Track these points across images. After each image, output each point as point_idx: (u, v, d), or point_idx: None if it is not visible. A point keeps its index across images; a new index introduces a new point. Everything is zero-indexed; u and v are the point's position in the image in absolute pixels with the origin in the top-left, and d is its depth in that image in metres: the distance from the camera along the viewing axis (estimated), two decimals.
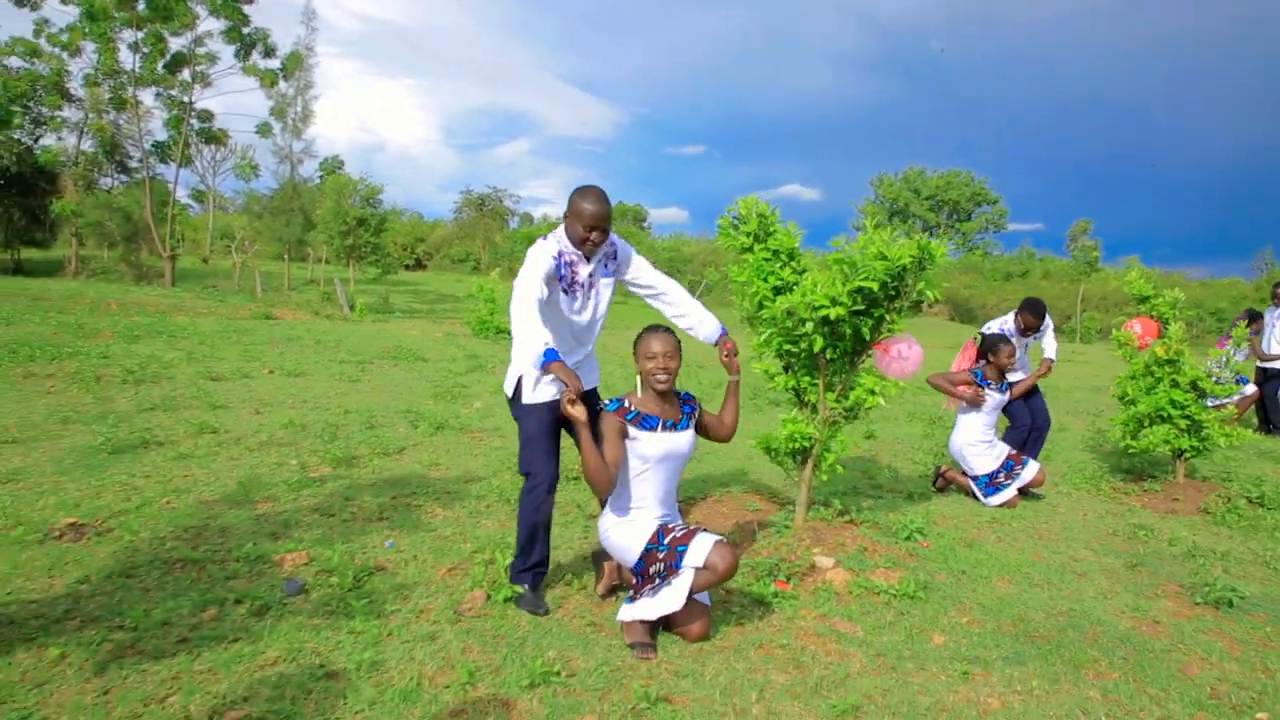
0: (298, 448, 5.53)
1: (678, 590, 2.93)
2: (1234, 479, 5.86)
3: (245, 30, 25.10)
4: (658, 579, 3.02)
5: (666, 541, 3.05)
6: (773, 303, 3.98)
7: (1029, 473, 5.33)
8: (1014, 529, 4.79)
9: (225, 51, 25.51)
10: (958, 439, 5.50)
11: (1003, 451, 5.42)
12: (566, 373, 2.84)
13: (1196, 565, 4.23)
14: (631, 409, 3.16)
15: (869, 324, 3.90)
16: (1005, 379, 5.55)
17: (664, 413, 3.20)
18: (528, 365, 3.10)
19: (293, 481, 4.68)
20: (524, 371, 3.25)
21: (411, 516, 4.29)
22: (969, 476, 5.45)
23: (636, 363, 3.19)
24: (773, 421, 7.38)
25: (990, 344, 5.46)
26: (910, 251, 3.62)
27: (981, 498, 5.33)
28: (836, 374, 4.13)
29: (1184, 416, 5.52)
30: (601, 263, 3.35)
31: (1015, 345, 5.51)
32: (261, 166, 27.82)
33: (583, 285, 3.30)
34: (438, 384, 8.63)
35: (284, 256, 29.68)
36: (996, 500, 5.27)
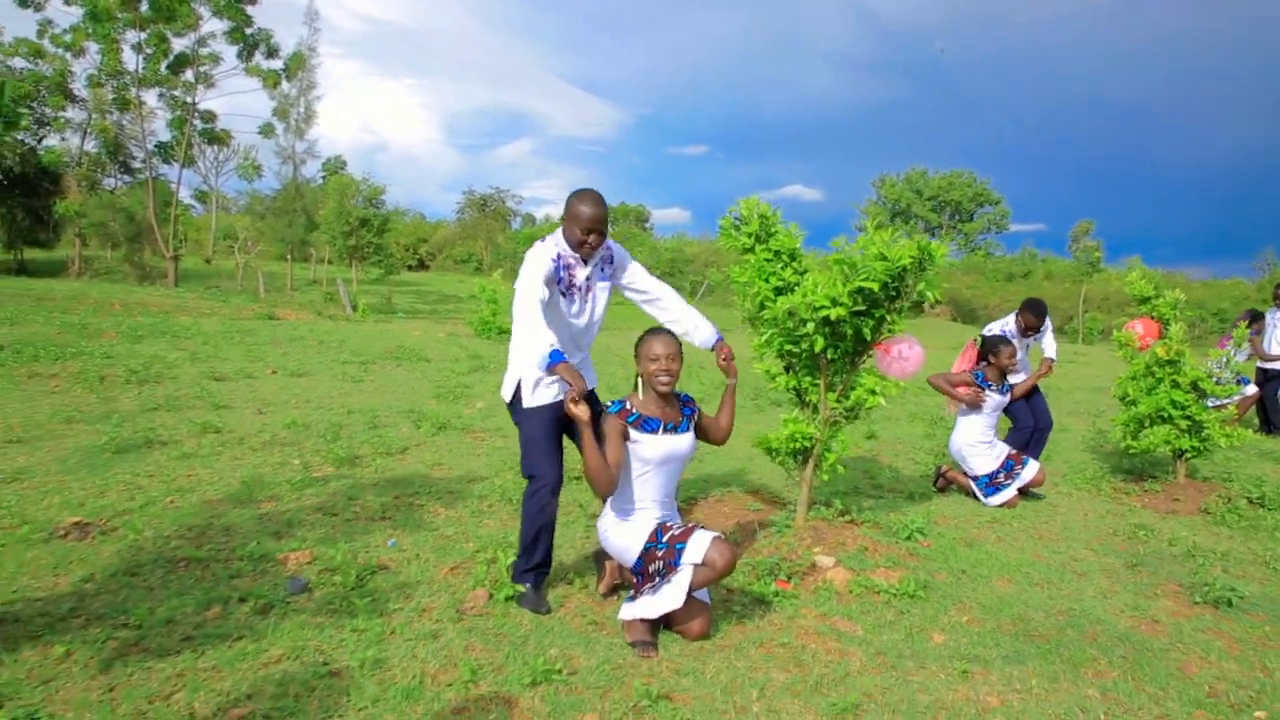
0: (301, 447, 5.55)
1: (678, 587, 2.95)
2: (1235, 479, 5.86)
3: (248, 31, 25.10)
4: (657, 577, 3.04)
5: (665, 540, 3.07)
6: (774, 303, 4.00)
7: (1029, 472, 5.34)
8: (1014, 529, 4.80)
9: (228, 52, 25.52)
10: (958, 439, 5.51)
11: (1002, 451, 5.43)
12: (571, 373, 2.87)
13: (1196, 565, 4.23)
14: (633, 411, 3.17)
15: (870, 324, 3.91)
16: (1006, 380, 5.56)
17: (665, 415, 3.22)
18: (532, 366, 3.12)
19: (296, 481, 4.70)
20: (522, 375, 3.26)
21: (414, 516, 4.31)
22: (969, 477, 5.46)
23: (638, 364, 3.20)
24: (774, 422, 7.40)
25: (991, 345, 5.47)
26: (910, 252, 3.63)
27: (982, 498, 5.34)
28: (837, 374, 4.14)
29: (1184, 417, 5.53)
30: (598, 266, 3.37)
31: (1016, 346, 5.51)
32: (264, 167, 27.80)
33: (580, 288, 3.32)
34: (440, 384, 8.65)
35: (287, 257, 29.68)
36: (997, 500, 5.28)
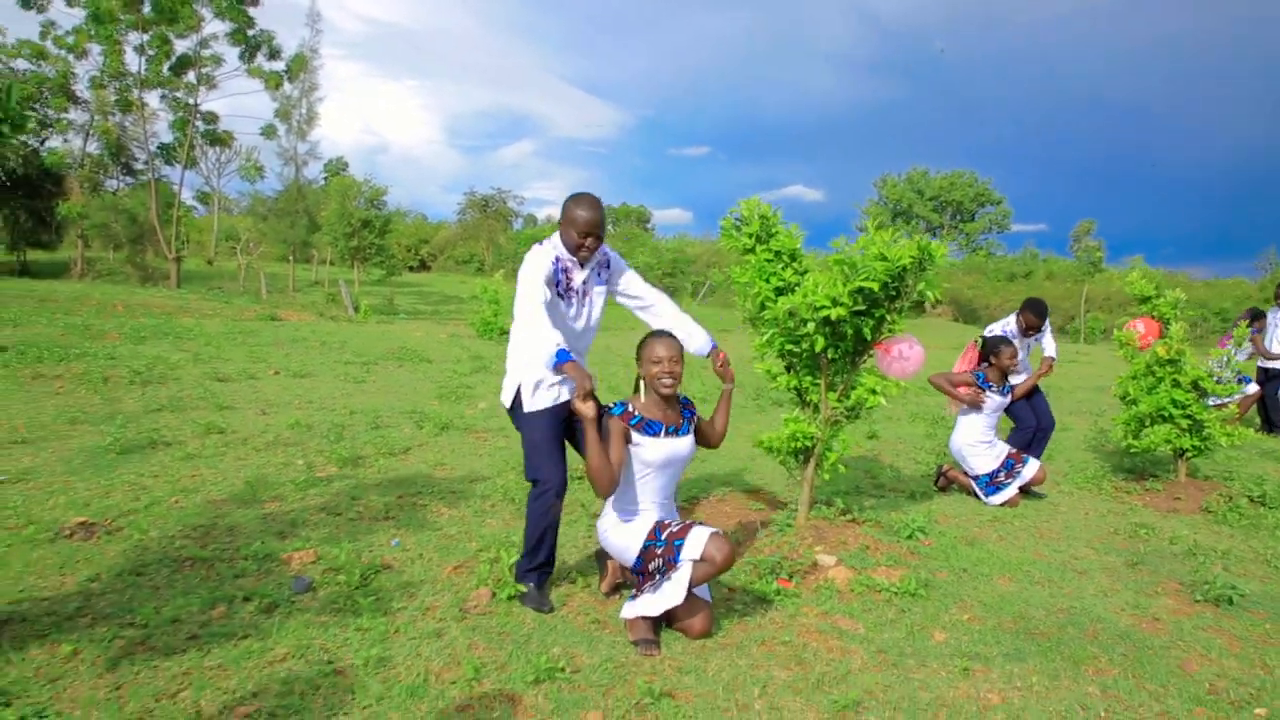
0: (304, 448, 5.57)
1: (678, 584, 2.97)
2: (1235, 478, 5.87)
3: (250, 32, 25.11)
4: (658, 575, 3.06)
5: (664, 537, 3.08)
6: (775, 303, 4.02)
7: (1029, 471, 5.35)
8: (1015, 528, 4.81)
9: (230, 54, 25.51)
10: (958, 439, 5.52)
11: (1003, 451, 5.44)
12: (579, 372, 2.90)
13: (1197, 563, 4.24)
14: (635, 414, 3.18)
15: (870, 324, 3.93)
16: (1007, 381, 5.57)
17: (666, 418, 3.23)
18: (533, 368, 3.14)
19: (299, 481, 4.73)
20: (522, 380, 3.29)
21: (417, 515, 4.33)
22: (970, 476, 5.48)
23: (640, 367, 3.21)
24: (775, 421, 7.41)
25: (992, 346, 5.48)
26: (910, 252, 3.65)
27: (983, 497, 5.35)
28: (838, 374, 4.15)
29: (1185, 416, 5.53)
30: (595, 271, 3.40)
31: (1017, 347, 5.52)
32: (266, 168, 27.78)
33: (577, 292, 3.34)
34: (442, 385, 8.67)
35: (289, 258, 29.70)
36: (998, 499, 5.29)
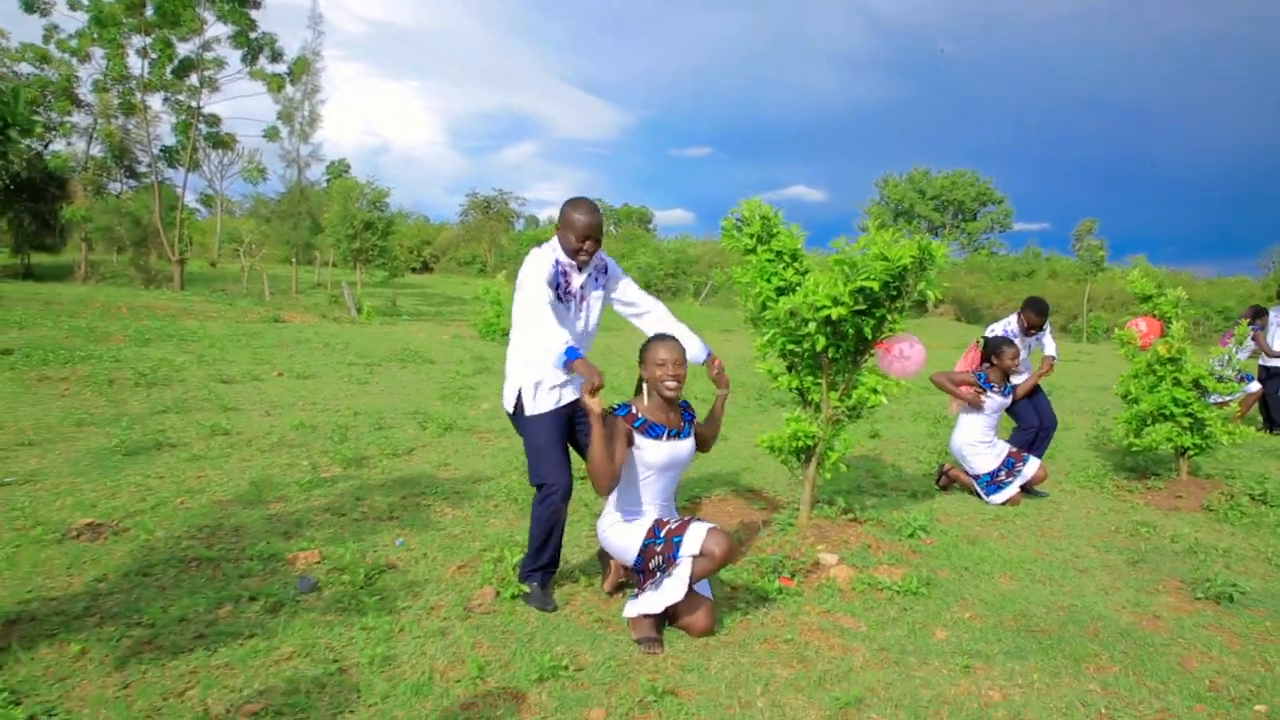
0: (308, 449, 5.60)
1: (679, 580, 2.99)
2: (1237, 476, 5.87)
3: (252, 35, 25.17)
4: (658, 573, 3.08)
5: (662, 535, 3.10)
6: (776, 303, 4.03)
7: (1030, 469, 5.36)
8: (1017, 526, 4.83)
9: (232, 56, 25.56)
10: (958, 438, 5.54)
11: (1003, 450, 5.45)
12: (588, 368, 2.94)
13: (1198, 561, 4.25)
14: (639, 416, 3.20)
15: (871, 324, 3.94)
16: (1009, 382, 5.58)
17: (668, 421, 3.24)
18: (542, 366, 3.16)
19: (304, 482, 4.75)
20: (522, 384, 3.32)
21: (421, 516, 4.35)
22: (971, 475, 5.49)
23: (644, 370, 3.22)
24: (777, 421, 7.43)
25: (994, 346, 5.49)
26: (910, 252, 3.66)
27: (984, 496, 5.37)
28: (839, 373, 4.17)
29: (1186, 414, 5.54)
30: (592, 276, 3.43)
31: (1019, 347, 5.54)
32: (269, 170, 27.93)
33: (575, 296, 3.37)
34: (445, 386, 8.70)
35: (291, 260, 29.78)
36: (999, 498, 5.30)
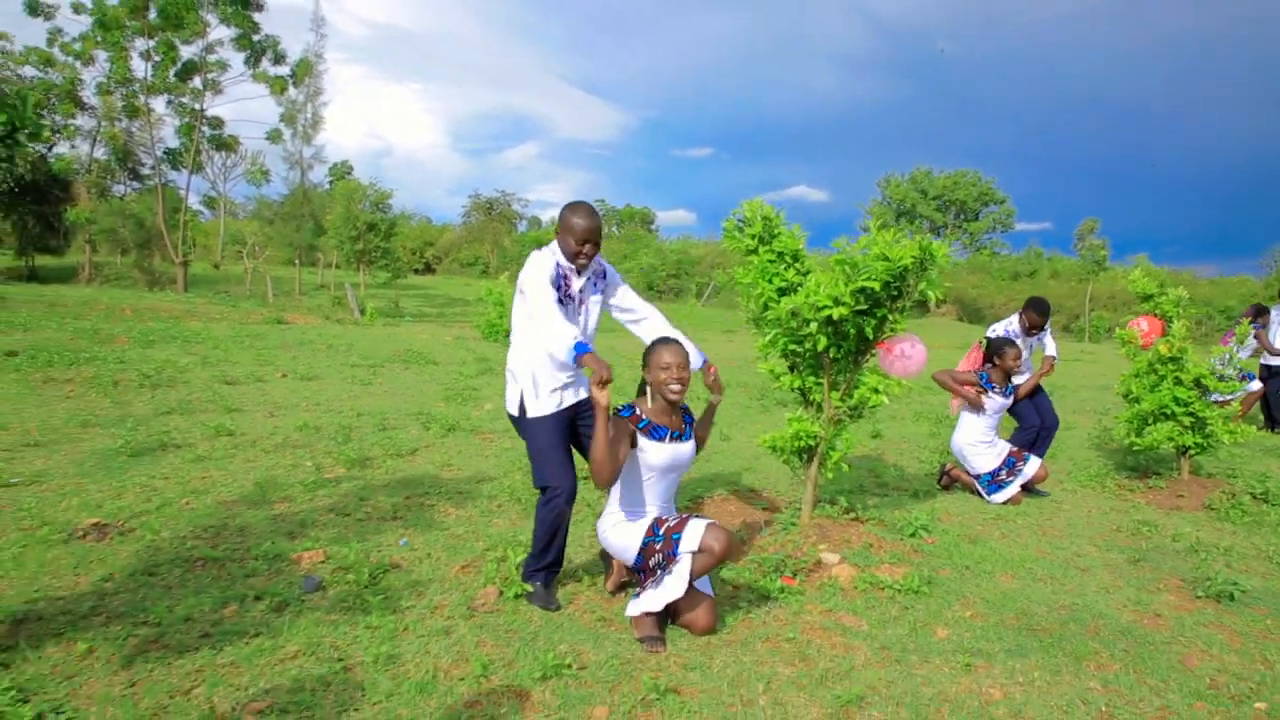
0: (312, 449, 5.62)
1: (679, 577, 3.01)
2: (1239, 475, 5.87)
3: (255, 38, 25.28)
4: (658, 570, 3.10)
5: (661, 532, 3.12)
6: (777, 303, 4.05)
7: (1031, 468, 5.37)
8: (1018, 525, 4.84)
9: (236, 59, 25.91)
10: (959, 438, 5.55)
11: (1004, 449, 5.46)
12: (597, 361, 2.97)
13: (1199, 560, 4.26)
14: (643, 418, 3.22)
15: (872, 324, 3.95)
16: (1010, 383, 5.59)
17: (671, 423, 3.26)
18: (546, 366, 3.18)
19: (308, 482, 4.77)
20: (524, 387, 3.34)
21: (425, 516, 4.37)
22: (972, 475, 5.50)
23: (647, 373, 3.24)
24: (779, 421, 7.44)
25: (996, 347, 5.50)
26: (911, 252, 3.68)
27: (985, 495, 5.38)
28: (841, 373, 4.18)
29: (1188, 414, 5.55)
30: (591, 280, 3.46)
31: (1020, 348, 5.55)
32: (272, 172, 27.99)
33: (575, 299, 3.39)
34: (448, 387, 8.72)
35: (295, 262, 29.88)
36: (1000, 497, 5.31)
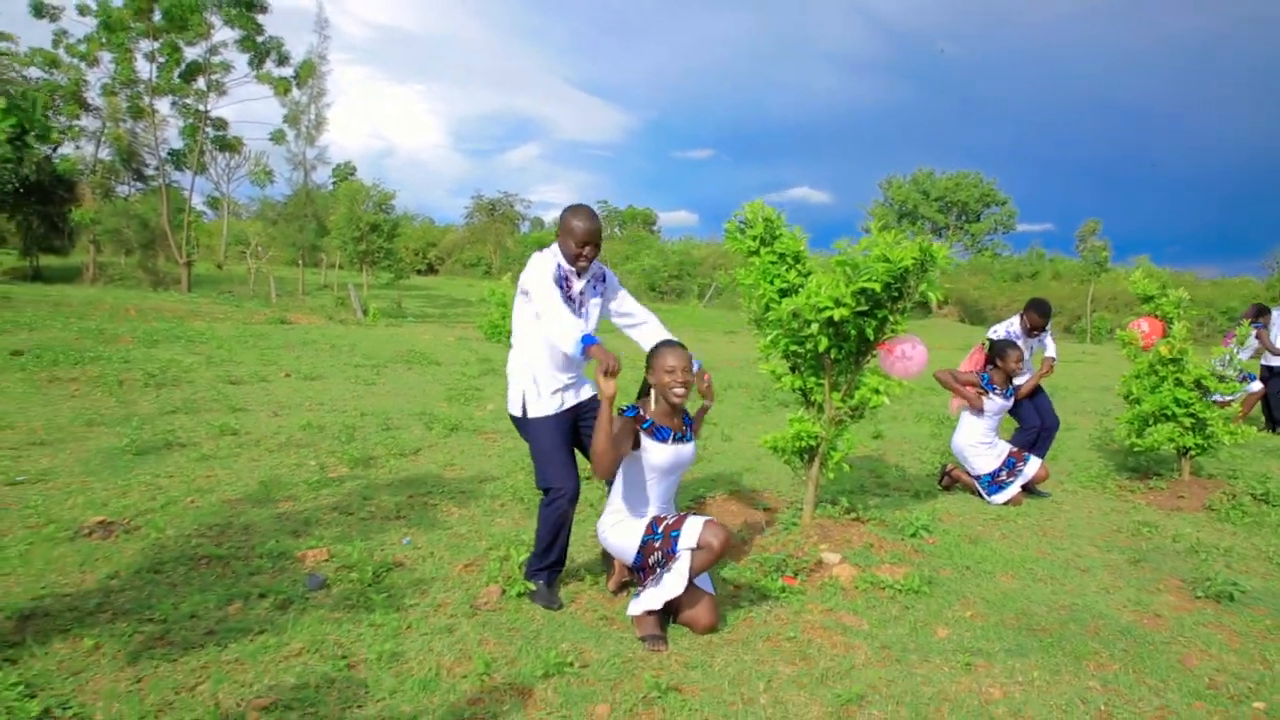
0: (316, 449, 5.65)
1: (679, 574, 3.03)
2: (1239, 476, 5.87)
3: (259, 39, 25.34)
4: (658, 568, 3.12)
5: (660, 530, 3.15)
6: (779, 304, 4.07)
7: (1031, 469, 5.38)
8: (1019, 526, 4.85)
9: (239, 60, 25.79)
10: (959, 439, 5.56)
11: (1004, 450, 5.47)
12: (604, 353, 3.02)
13: (1199, 560, 4.27)
14: (647, 419, 3.24)
15: (873, 325, 3.97)
16: (1011, 384, 5.60)
17: (673, 425, 3.29)
18: (567, 351, 3.20)
19: (312, 481, 4.80)
20: (525, 388, 3.38)
21: (428, 515, 4.40)
22: (972, 476, 5.51)
23: (651, 376, 3.26)
24: (780, 421, 7.46)
25: (998, 349, 5.51)
26: (912, 254, 3.70)
27: (986, 496, 5.39)
28: (842, 374, 4.20)
29: (1188, 415, 5.55)
30: (591, 283, 3.49)
31: (1022, 349, 5.56)
32: (275, 173, 28.07)
33: (575, 301, 3.42)
34: (451, 387, 8.74)
35: (298, 262, 29.92)
36: (1001, 498, 5.32)
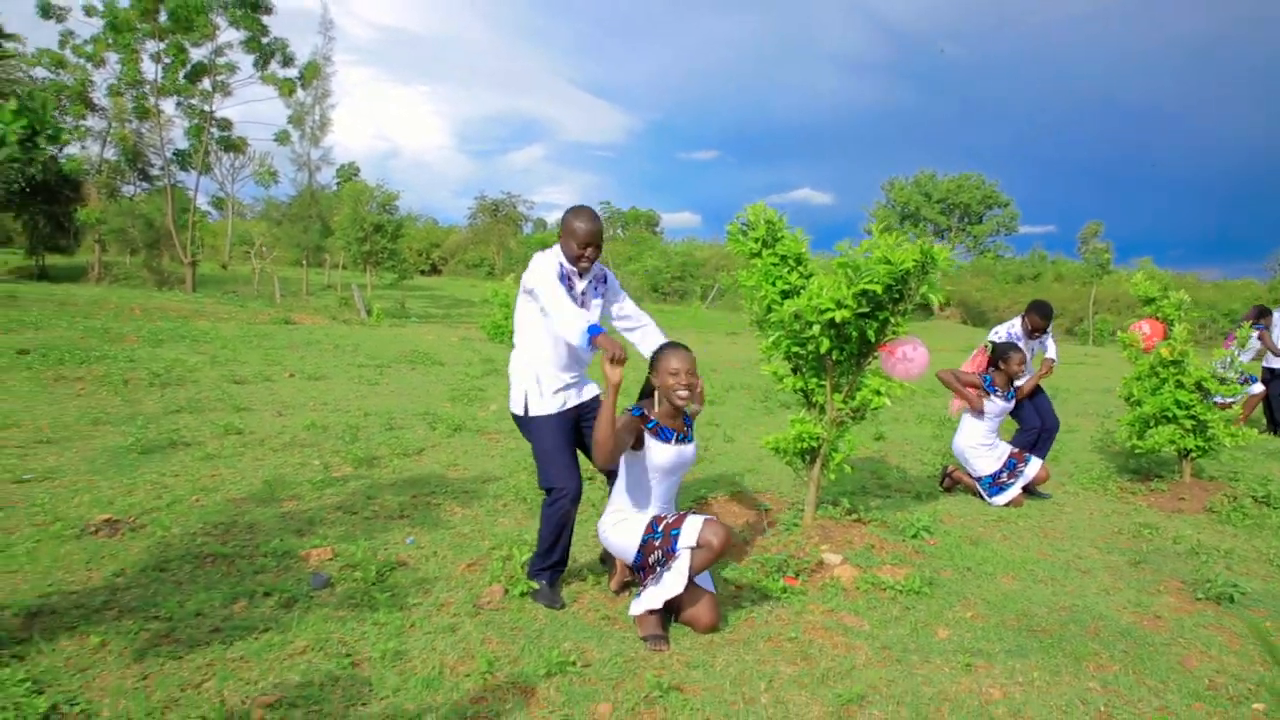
0: (320, 448, 5.67)
1: (678, 572, 3.05)
2: (1241, 478, 5.88)
3: (264, 40, 25.37)
4: (658, 567, 3.14)
5: (660, 529, 3.17)
6: (780, 306, 4.08)
7: (1032, 469, 5.39)
8: (1020, 527, 4.86)
9: (244, 61, 25.83)
10: (960, 441, 5.57)
11: (1004, 451, 5.48)
12: (610, 341, 3.05)
13: (1199, 562, 4.28)
14: (651, 419, 3.26)
15: (874, 326, 3.99)
16: (1013, 386, 5.61)
17: (676, 426, 3.31)
18: (574, 338, 3.22)
19: (316, 481, 4.82)
20: (527, 387, 3.41)
21: (431, 514, 4.42)
22: (973, 477, 5.53)
23: (655, 378, 3.28)
24: (782, 423, 7.47)
25: (1001, 352, 5.53)
26: (913, 256, 3.71)
27: (987, 497, 5.40)
28: (843, 375, 4.22)
29: (1189, 417, 5.56)
30: (593, 284, 3.52)
31: (1024, 352, 5.57)
32: (280, 174, 28.05)
33: (577, 301, 3.45)
34: (454, 387, 8.77)
35: (302, 262, 29.95)
36: (1002, 499, 5.33)
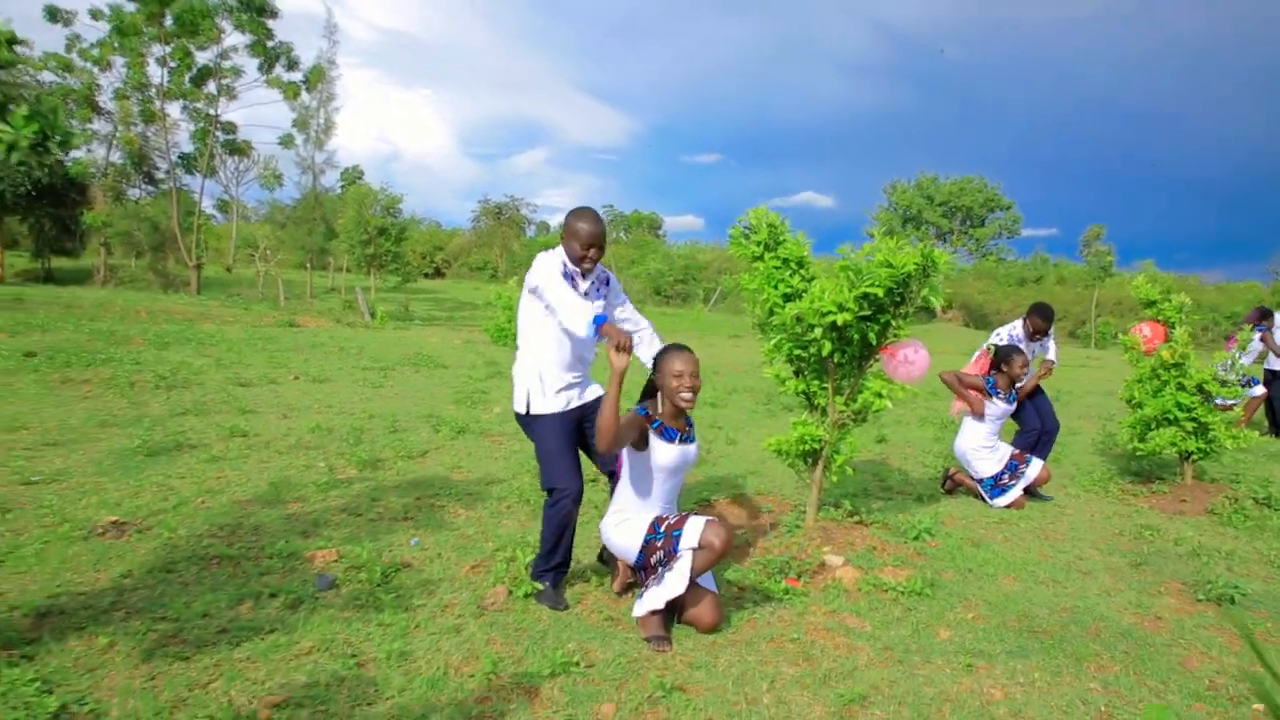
0: (325, 450, 5.70)
1: (680, 573, 3.07)
2: (1242, 480, 5.89)
3: (269, 44, 25.44)
4: (660, 567, 3.17)
5: (662, 530, 3.20)
6: (783, 309, 4.11)
7: (1033, 471, 5.40)
8: (1021, 529, 4.87)
9: (250, 65, 25.85)
10: (961, 442, 5.58)
11: (1005, 453, 5.49)
12: (616, 330, 3.09)
13: (1200, 564, 4.29)
14: (656, 419, 3.29)
15: (875, 329, 4.01)
16: (1015, 388, 5.63)
17: (679, 427, 3.34)
18: (580, 329, 3.23)
19: (321, 483, 4.85)
20: (530, 387, 3.43)
21: (435, 516, 4.45)
22: (974, 479, 5.54)
23: (659, 379, 3.30)
24: (784, 425, 7.49)
25: (1003, 355, 5.54)
26: (914, 259, 3.73)
27: (988, 499, 5.41)
28: (845, 378, 4.24)
29: (1190, 419, 5.57)
30: (595, 285, 3.54)
31: (1027, 355, 5.59)
32: (284, 177, 28.19)
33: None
34: (458, 390, 8.80)
35: (306, 265, 30.01)
36: (1003, 501, 5.34)
